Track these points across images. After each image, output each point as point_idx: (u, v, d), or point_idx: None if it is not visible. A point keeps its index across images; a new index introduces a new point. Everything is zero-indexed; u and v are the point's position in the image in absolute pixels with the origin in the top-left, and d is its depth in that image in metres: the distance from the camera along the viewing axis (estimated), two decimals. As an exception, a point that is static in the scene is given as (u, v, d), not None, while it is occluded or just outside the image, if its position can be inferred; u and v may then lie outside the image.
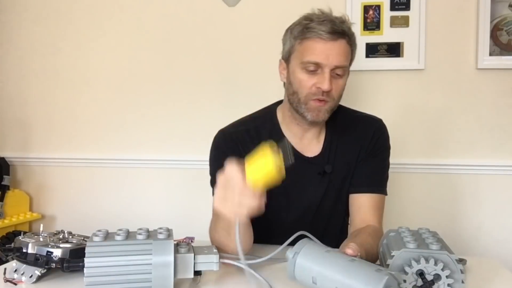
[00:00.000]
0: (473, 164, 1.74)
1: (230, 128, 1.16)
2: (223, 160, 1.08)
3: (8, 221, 1.87)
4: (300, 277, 0.73)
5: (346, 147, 1.14)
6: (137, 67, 1.93)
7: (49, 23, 1.99)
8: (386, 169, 1.17)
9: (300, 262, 0.72)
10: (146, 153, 1.94)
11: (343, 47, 1.02)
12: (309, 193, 1.13)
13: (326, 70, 1.01)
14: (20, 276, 0.83)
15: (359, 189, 1.12)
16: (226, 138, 1.13)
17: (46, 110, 2.02)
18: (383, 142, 1.16)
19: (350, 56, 1.06)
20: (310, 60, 1.01)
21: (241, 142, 1.11)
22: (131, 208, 1.96)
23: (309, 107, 1.05)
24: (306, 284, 0.72)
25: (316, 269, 0.70)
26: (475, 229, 1.76)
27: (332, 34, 1.00)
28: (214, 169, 1.13)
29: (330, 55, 1.00)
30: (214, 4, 1.85)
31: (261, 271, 0.83)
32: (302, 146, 1.13)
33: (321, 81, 1.01)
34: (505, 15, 1.69)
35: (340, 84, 1.05)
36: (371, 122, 1.17)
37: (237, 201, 0.78)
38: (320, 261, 0.70)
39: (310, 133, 1.13)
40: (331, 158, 1.13)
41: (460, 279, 0.73)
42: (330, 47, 1.00)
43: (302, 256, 0.73)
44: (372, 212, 1.09)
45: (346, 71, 1.05)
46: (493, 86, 1.72)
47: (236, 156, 1.07)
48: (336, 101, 1.07)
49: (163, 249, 0.75)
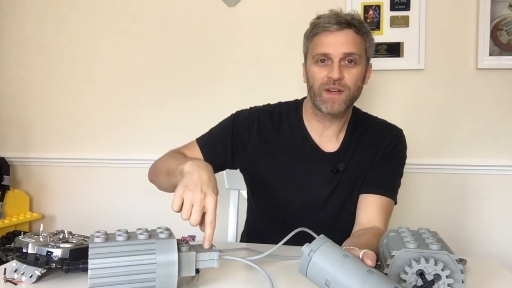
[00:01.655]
0: (473, 164, 1.74)
1: (259, 107, 1.20)
2: (229, 126, 1.16)
3: (8, 221, 1.87)
4: (312, 275, 0.70)
5: (363, 148, 1.15)
6: (137, 67, 1.93)
7: (49, 23, 1.99)
8: (399, 177, 1.18)
9: (315, 261, 0.69)
10: (146, 153, 1.94)
11: (351, 36, 1.04)
12: (318, 188, 1.14)
13: (335, 59, 1.03)
14: (20, 276, 0.83)
15: (369, 190, 1.12)
16: (250, 113, 1.18)
17: (46, 110, 2.02)
18: (400, 150, 1.17)
19: (363, 45, 1.07)
20: (318, 52, 1.04)
21: (259, 121, 1.15)
22: (131, 208, 1.96)
23: (323, 99, 1.06)
24: (317, 283, 0.70)
25: (332, 273, 0.67)
26: (475, 229, 1.76)
27: (337, 24, 1.03)
28: (219, 123, 1.19)
29: (336, 44, 1.03)
30: (214, 4, 1.85)
31: (262, 268, 0.83)
32: (321, 142, 1.15)
33: (331, 70, 1.03)
34: (505, 15, 1.69)
35: (353, 73, 1.05)
36: (392, 129, 1.19)
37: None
38: (337, 265, 0.68)
39: (330, 131, 1.14)
40: (346, 157, 1.14)
41: (460, 279, 0.72)
42: (336, 37, 1.03)
43: (318, 255, 0.69)
44: (379, 214, 1.09)
45: (358, 60, 1.05)
46: (493, 86, 1.72)
47: (238, 134, 1.15)
48: (353, 91, 1.07)
49: (166, 248, 0.75)
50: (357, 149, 1.14)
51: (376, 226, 1.06)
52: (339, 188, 1.14)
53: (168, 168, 0.99)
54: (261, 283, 0.83)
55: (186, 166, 0.87)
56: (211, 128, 1.20)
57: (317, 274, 0.69)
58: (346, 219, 1.15)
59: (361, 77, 1.08)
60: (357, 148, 1.15)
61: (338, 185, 1.13)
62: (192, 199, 0.79)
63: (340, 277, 0.66)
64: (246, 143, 1.15)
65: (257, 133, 1.14)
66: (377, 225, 1.07)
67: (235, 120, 1.16)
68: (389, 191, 1.12)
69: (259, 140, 1.14)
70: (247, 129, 1.15)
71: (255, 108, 1.19)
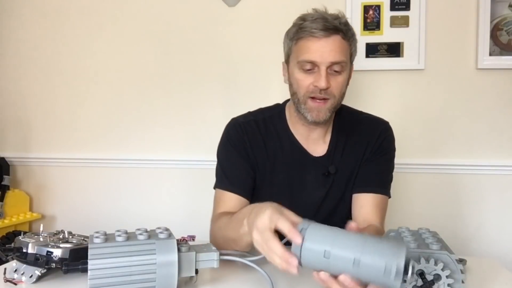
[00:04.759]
0: (473, 164, 1.74)
1: (241, 118, 1.18)
2: (229, 148, 1.13)
3: (8, 221, 1.87)
4: (308, 255, 0.66)
5: (352, 148, 1.14)
6: (137, 67, 1.93)
7: (49, 23, 1.99)
8: (390, 171, 1.16)
9: (310, 235, 0.67)
10: (146, 153, 1.94)
11: (338, 43, 1.01)
12: (312, 192, 1.13)
13: (322, 68, 1.00)
14: (20, 276, 0.83)
15: (362, 189, 1.11)
16: (236, 127, 1.15)
17: (46, 110, 2.02)
18: (389, 144, 1.16)
19: (349, 51, 1.05)
20: (305, 59, 1.01)
21: (247, 132, 1.13)
22: (131, 208, 1.96)
23: (308, 107, 1.05)
24: (316, 261, 0.66)
25: (330, 241, 0.65)
26: (475, 229, 1.76)
27: (324, 31, 0.99)
28: (220, 156, 1.16)
29: (324, 52, 0.99)
30: (214, 4, 1.85)
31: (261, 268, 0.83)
32: (308, 146, 1.14)
33: (318, 79, 1.01)
34: (505, 15, 1.69)
35: (339, 81, 1.03)
36: (378, 124, 1.17)
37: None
38: (333, 233, 0.66)
39: (316, 133, 1.13)
40: (336, 159, 1.13)
41: (460, 279, 0.73)
42: (323, 44, 1.00)
43: (312, 229, 0.67)
44: (375, 212, 1.08)
45: (344, 67, 1.03)
46: (493, 86, 1.72)
47: (242, 146, 1.12)
48: (338, 98, 1.06)
49: (166, 249, 0.75)
50: (345, 150, 1.13)
51: (373, 224, 1.06)
52: (332, 191, 1.13)
53: (233, 241, 0.93)
54: (260, 283, 0.83)
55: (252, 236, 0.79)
56: (218, 166, 1.15)
57: (314, 248, 0.66)
58: (340, 219, 1.15)
59: (346, 83, 1.07)
60: (346, 148, 1.14)
61: (331, 187, 1.13)
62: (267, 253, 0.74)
63: (340, 243, 0.65)
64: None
65: (250, 145, 1.12)
66: (374, 223, 1.07)
67: (232, 140, 1.13)
68: (382, 187, 1.12)
69: (253, 151, 1.12)
70: (243, 142, 1.13)
71: (239, 121, 1.15)
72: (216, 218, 1.06)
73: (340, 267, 0.64)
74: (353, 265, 0.63)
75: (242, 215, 0.86)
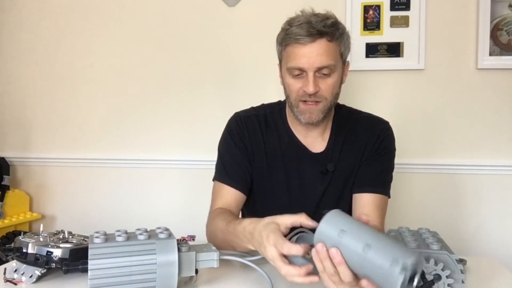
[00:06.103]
0: (473, 164, 1.74)
1: (243, 113, 1.20)
2: (229, 141, 1.14)
3: (8, 221, 1.87)
4: (325, 229, 0.68)
5: (351, 146, 1.14)
6: (137, 67, 1.93)
7: (49, 24, 1.99)
8: (390, 171, 1.16)
9: (330, 216, 0.69)
10: (146, 153, 1.94)
11: (324, 46, 1.00)
12: (310, 189, 1.13)
13: (309, 73, 1.01)
14: (20, 276, 0.83)
15: (362, 189, 1.11)
16: (237, 121, 1.17)
17: (46, 110, 2.02)
18: (388, 143, 1.16)
19: (338, 51, 1.04)
20: (292, 66, 1.03)
21: (248, 126, 1.15)
22: (131, 208, 1.96)
23: (300, 110, 1.06)
24: (329, 237, 0.67)
25: (349, 224, 0.67)
26: (475, 229, 1.76)
27: (309, 36, 0.99)
28: (221, 148, 1.18)
29: (310, 58, 1.00)
30: (214, 4, 1.85)
31: (261, 268, 0.83)
32: (307, 143, 1.14)
33: (306, 84, 1.02)
34: (505, 15, 1.69)
35: (329, 83, 1.04)
36: (378, 123, 1.17)
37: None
38: (353, 220, 0.69)
39: (314, 132, 1.14)
40: (335, 157, 1.13)
41: (460, 279, 0.73)
42: (309, 50, 1.00)
43: (334, 212, 0.69)
44: (375, 212, 1.08)
45: (333, 69, 1.03)
46: (493, 86, 1.72)
47: (241, 140, 1.13)
48: (330, 100, 1.06)
49: (166, 248, 0.75)
50: (344, 148, 1.14)
51: (373, 225, 1.06)
52: (330, 189, 1.13)
53: (234, 248, 0.94)
54: (260, 283, 0.83)
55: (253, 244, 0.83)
56: (218, 159, 1.17)
57: (332, 224, 0.68)
58: None
59: (338, 84, 1.07)
60: (344, 146, 1.14)
61: (329, 185, 1.13)
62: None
63: (357, 228, 0.67)
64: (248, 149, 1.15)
65: (249, 140, 1.14)
66: (374, 223, 1.07)
67: (232, 133, 1.15)
68: (382, 187, 1.12)
69: (251, 146, 1.14)
70: (243, 136, 1.14)
71: (241, 116, 1.18)
72: (214, 215, 1.07)
73: (351, 248, 0.65)
74: (363, 249, 0.63)
75: (243, 236, 0.85)
